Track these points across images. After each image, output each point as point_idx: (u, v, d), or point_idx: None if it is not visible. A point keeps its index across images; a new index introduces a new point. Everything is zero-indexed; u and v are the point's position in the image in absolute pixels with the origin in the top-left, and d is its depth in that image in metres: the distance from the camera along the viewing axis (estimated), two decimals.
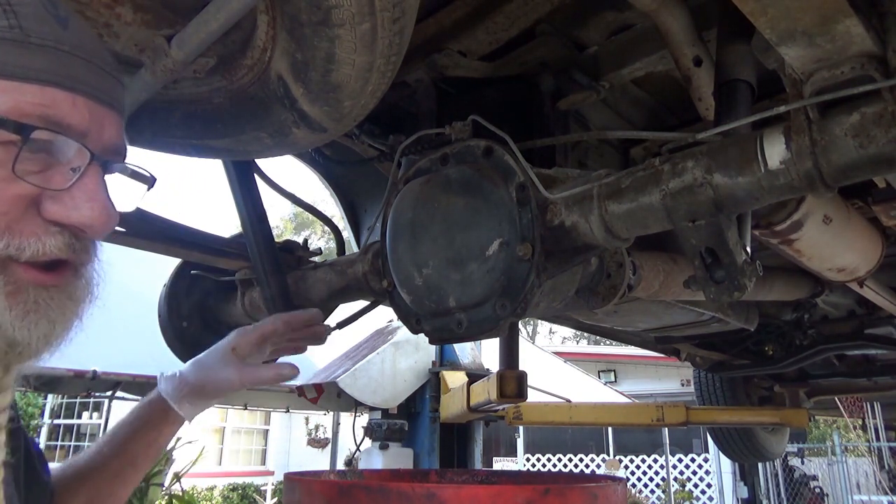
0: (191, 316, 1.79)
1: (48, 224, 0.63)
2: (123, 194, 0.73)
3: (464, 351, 6.03)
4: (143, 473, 1.02)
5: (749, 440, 4.30)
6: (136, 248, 1.55)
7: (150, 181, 0.76)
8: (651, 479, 12.85)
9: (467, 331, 1.22)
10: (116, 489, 0.98)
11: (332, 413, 8.87)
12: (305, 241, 1.73)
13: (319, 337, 1.20)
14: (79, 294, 0.68)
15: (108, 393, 6.10)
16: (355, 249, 1.83)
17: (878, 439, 12.17)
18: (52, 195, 0.63)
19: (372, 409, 6.28)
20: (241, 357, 1.07)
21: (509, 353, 2.44)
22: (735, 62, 1.17)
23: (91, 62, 0.66)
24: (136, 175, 0.75)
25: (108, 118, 0.67)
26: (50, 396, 10.36)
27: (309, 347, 1.60)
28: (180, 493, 6.83)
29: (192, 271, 1.81)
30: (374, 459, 5.76)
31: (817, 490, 11.67)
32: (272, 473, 13.52)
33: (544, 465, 13.90)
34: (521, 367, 2.47)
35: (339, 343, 6.80)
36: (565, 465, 13.67)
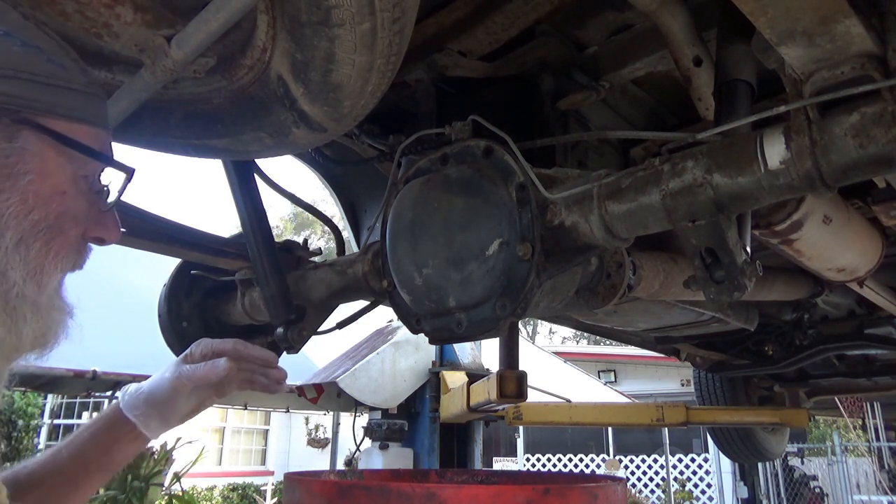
0: (191, 316, 1.79)
1: (87, 241, 0.73)
2: None
3: (464, 351, 6.02)
4: (95, 484, 0.99)
5: (749, 440, 4.30)
6: (136, 248, 1.55)
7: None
8: (651, 479, 12.84)
9: (467, 331, 1.22)
10: (67, 495, 0.95)
11: (332, 413, 8.86)
12: (305, 241, 1.73)
13: (273, 380, 1.08)
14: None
15: (108, 393, 6.10)
16: (355, 249, 1.83)
17: (878, 439, 12.17)
18: (94, 218, 0.73)
19: (372, 409, 6.28)
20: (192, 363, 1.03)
21: (509, 353, 2.44)
22: (735, 62, 1.17)
23: (97, 96, 0.74)
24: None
25: (110, 141, 0.76)
26: (50, 396, 10.36)
27: (307, 346, 1.60)
28: (180, 493, 6.82)
29: (192, 271, 1.81)
30: (374, 459, 5.75)
31: (817, 490, 11.67)
32: (272, 473, 13.51)
33: (544, 465, 13.89)
34: (521, 367, 2.47)
35: (339, 343, 6.79)
36: (565, 465, 13.66)
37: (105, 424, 0.99)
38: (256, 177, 1.59)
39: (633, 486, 12.72)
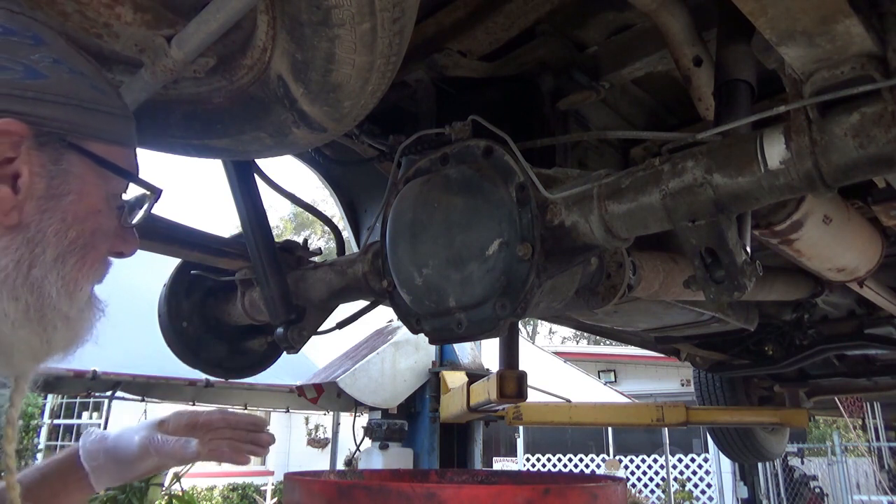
0: (191, 316, 1.79)
1: (110, 254, 0.77)
2: None
3: (464, 351, 6.02)
4: None
5: (749, 440, 4.30)
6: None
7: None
8: (651, 479, 12.83)
9: (467, 331, 1.22)
10: None
11: (332, 413, 8.86)
12: (305, 241, 1.73)
13: (261, 445, 1.13)
14: None
15: (108, 393, 6.10)
16: (355, 249, 1.83)
17: (878, 439, 12.18)
18: (119, 234, 0.77)
19: (372, 409, 6.27)
20: (167, 434, 1.04)
21: (509, 353, 2.44)
22: (735, 62, 1.17)
23: (129, 118, 0.78)
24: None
25: (136, 158, 0.80)
26: (50, 396, 10.35)
27: (307, 346, 1.60)
28: (180, 493, 6.81)
29: (192, 271, 1.81)
30: (374, 459, 5.75)
31: (817, 490, 11.67)
32: (272, 473, 13.51)
33: (544, 465, 13.89)
34: (521, 367, 2.47)
35: (339, 343, 6.79)
36: (565, 465, 13.66)
37: (58, 467, 0.99)
38: (256, 177, 1.59)
39: (633, 486, 12.72)
